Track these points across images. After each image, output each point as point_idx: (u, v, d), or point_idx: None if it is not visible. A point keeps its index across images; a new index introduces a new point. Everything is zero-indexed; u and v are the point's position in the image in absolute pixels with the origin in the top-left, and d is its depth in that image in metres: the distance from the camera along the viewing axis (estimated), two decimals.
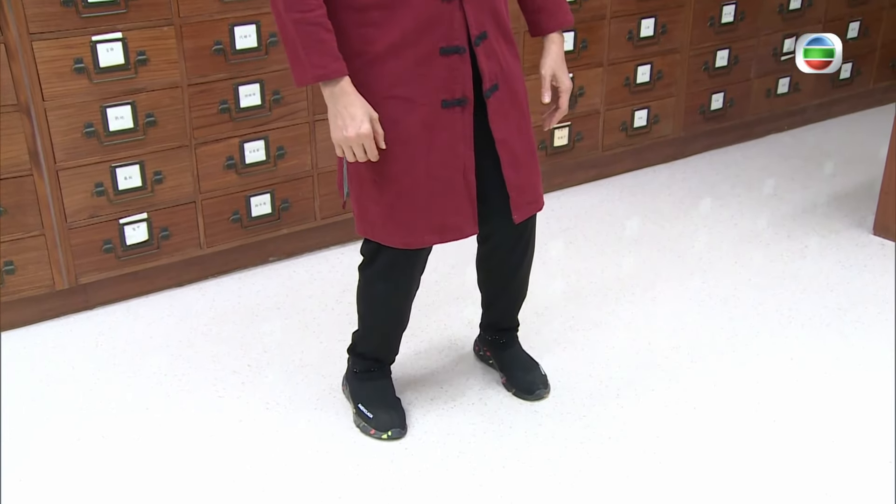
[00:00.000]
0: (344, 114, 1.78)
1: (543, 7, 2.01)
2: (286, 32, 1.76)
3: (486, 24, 1.86)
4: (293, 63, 1.79)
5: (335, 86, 1.78)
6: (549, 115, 2.09)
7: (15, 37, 2.38)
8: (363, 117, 1.79)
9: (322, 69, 1.75)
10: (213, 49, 2.67)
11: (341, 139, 1.81)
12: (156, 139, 2.67)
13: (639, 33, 3.48)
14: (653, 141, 3.72)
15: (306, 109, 2.88)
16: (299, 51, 1.75)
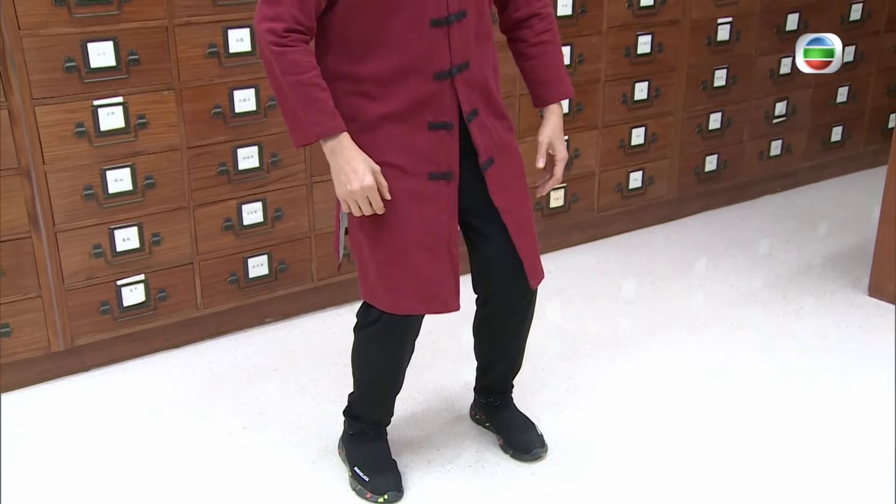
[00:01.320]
0: (346, 168, 1.80)
1: (545, 80, 2.05)
2: (283, 95, 1.79)
3: (477, 102, 1.91)
4: (291, 125, 1.81)
5: (335, 142, 1.80)
6: (543, 183, 2.12)
7: (18, 102, 2.41)
8: (365, 170, 1.81)
9: (321, 126, 1.78)
10: (212, 112, 2.71)
11: (346, 194, 1.83)
12: (154, 201, 2.69)
13: (633, 96, 3.53)
14: (648, 202, 3.76)
15: (304, 171, 2.91)
16: (297, 111, 1.78)
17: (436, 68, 1.83)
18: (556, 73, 2.06)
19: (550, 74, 2.05)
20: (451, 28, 1.82)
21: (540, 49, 2.04)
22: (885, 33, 4.14)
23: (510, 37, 2.08)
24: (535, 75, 2.06)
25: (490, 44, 1.95)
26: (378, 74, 1.83)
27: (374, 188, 1.82)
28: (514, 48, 2.09)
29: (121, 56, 2.52)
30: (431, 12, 1.80)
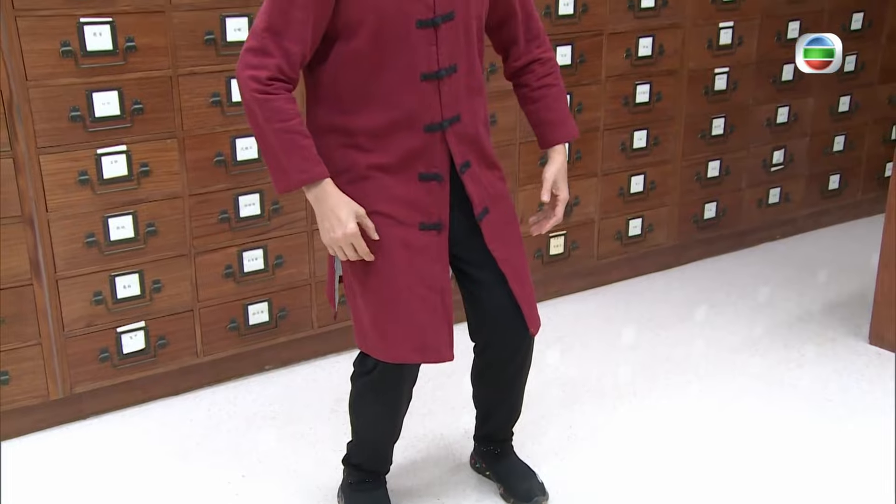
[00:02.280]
0: (330, 216, 1.81)
1: (549, 121, 2.08)
2: (266, 142, 1.79)
3: (469, 154, 1.94)
4: (275, 171, 1.81)
5: (318, 189, 1.81)
6: (543, 221, 2.12)
7: (23, 151, 2.44)
8: (348, 217, 1.81)
9: (305, 173, 1.79)
10: (214, 160, 2.73)
11: (329, 241, 1.85)
12: (156, 248, 2.70)
13: (632, 145, 3.57)
14: (647, 249, 3.77)
15: (305, 219, 2.92)
16: (281, 158, 1.78)
17: (426, 121, 1.86)
18: (561, 114, 2.08)
19: (555, 116, 2.08)
20: (441, 82, 1.85)
21: (543, 92, 2.07)
22: (879, 84, 4.20)
23: (514, 83, 2.11)
24: (539, 117, 2.09)
25: (481, 97, 1.98)
26: (370, 127, 1.85)
27: (357, 235, 1.83)
28: (518, 93, 2.12)
29: (125, 105, 2.55)
30: (422, 66, 1.83)
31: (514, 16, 2.01)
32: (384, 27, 1.78)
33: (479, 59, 1.95)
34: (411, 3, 1.79)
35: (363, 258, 1.87)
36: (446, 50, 1.84)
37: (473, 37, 1.90)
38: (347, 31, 1.79)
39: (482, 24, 1.95)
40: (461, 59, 1.88)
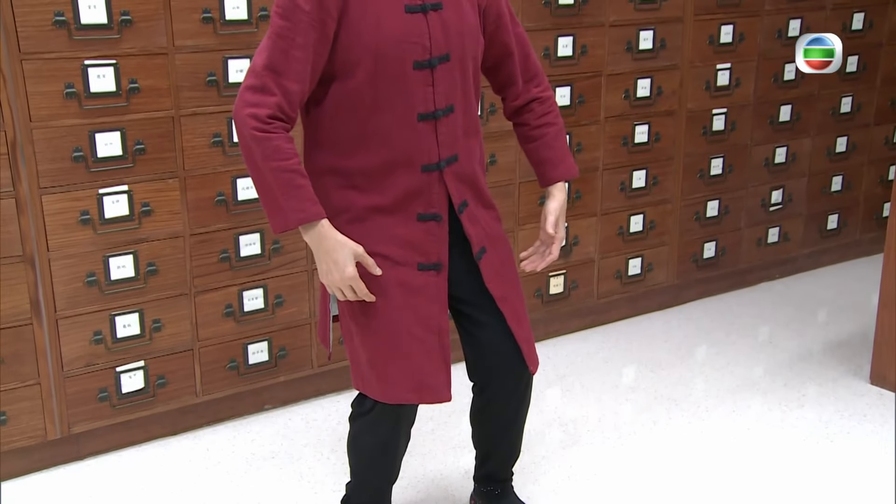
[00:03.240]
0: (327, 259, 1.80)
1: (548, 160, 2.09)
2: (263, 181, 1.77)
3: (467, 193, 1.95)
4: (272, 211, 1.79)
5: (315, 230, 1.80)
6: (538, 259, 2.11)
7: (26, 191, 2.45)
8: (346, 260, 1.80)
9: (302, 213, 1.77)
10: (215, 200, 2.74)
11: (328, 283, 1.84)
12: (156, 287, 2.71)
13: (631, 184, 3.58)
14: (647, 288, 3.77)
15: (305, 258, 2.93)
16: (278, 198, 1.76)
17: (424, 161, 1.87)
18: (560, 152, 2.09)
19: (554, 154, 2.08)
20: (438, 122, 1.86)
21: (542, 131, 2.08)
22: (875, 126, 4.23)
23: (514, 122, 2.13)
24: (539, 156, 2.09)
25: (478, 138, 1.99)
26: (367, 168, 1.86)
27: (355, 278, 1.81)
28: (518, 133, 2.13)
29: (127, 146, 2.57)
30: (419, 107, 1.85)
31: (510, 55, 2.03)
32: (381, 68, 1.80)
33: (475, 100, 1.97)
34: (408, 45, 1.81)
35: (363, 299, 1.87)
36: (443, 91, 1.86)
37: (469, 78, 1.93)
38: (344, 72, 1.81)
39: (478, 65, 1.97)
40: (457, 99, 1.90)
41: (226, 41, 2.66)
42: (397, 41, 1.79)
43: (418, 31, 1.81)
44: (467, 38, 1.89)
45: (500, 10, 1.98)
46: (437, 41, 1.83)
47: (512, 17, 2.02)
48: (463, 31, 1.88)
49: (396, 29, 1.79)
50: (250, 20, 2.67)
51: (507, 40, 2.01)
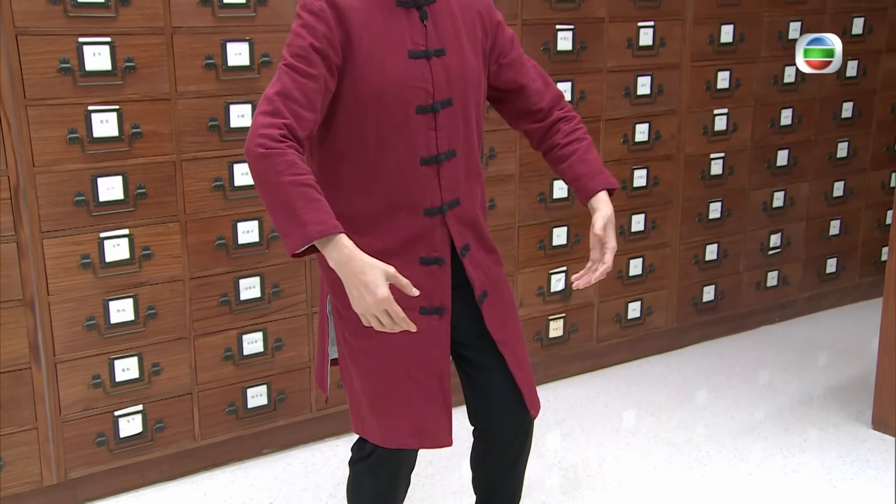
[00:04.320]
0: (357, 283, 1.67)
1: (586, 173, 2.02)
2: (279, 196, 1.68)
3: (468, 237, 1.95)
4: (289, 227, 1.68)
5: (339, 249, 1.68)
6: (590, 274, 1.99)
7: (28, 236, 2.46)
8: (377, 281, 1.66)
9: (322, 225, 1.67)
10: (215, 244, 2.75)
11: (362, 310, 1.69)
12: (155, 331, 2.70)
13: (630, 228, 3.60)
14: (647, 332, 3.77)
15: (305, 302, 2.93)
16: (297, 210, 1.66)
17: (426, 205, 1.88)
18: (596, 165, 2.03)
19: (590, 167, 2.01)
20: (440, 166, 1.88)
21: (572, 147, 2.02)
22: (872, 171, 4.26)
23: (543, 148, 2.07)
24: (574, 172, 2.01)
25: (479, 182, 2.00)
26: (370, 211, 1.87)
27: (389, 299, 1.67)
28: (550, 158, 2.06)
29: (129, 190, 2.59)
30: (422, 151, 1.86)
31: (526, 86, 2.02)
32: (384, 112, 1.81)
33: (476, 145, 1.98)
34: (411, 90, 1.83)
35: (399, 325, 1.70)
36: (445, 135, 1.87)
37: (472, 122, 1.94)
38: (348, 115, 1.82)
39: (481, 110, 1.98)
40: (459, 143, 1.91)
41: (228, 87, 2.69)
42: (400, 85, 1.81)
43: (421, 76, 1.83)
44: (469, 82, 1.91)
45: (504, 45, 1.99)
46: (439, 86, 1.85)
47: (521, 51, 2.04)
48: (465, 76, 1.90)
49: (400, 74, 1.81)
50: (252, 66, 2.70)
51: (517, 74, 2.00)
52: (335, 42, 1.76)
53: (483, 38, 1.95)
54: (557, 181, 3.36)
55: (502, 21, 2.00)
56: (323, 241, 1.69)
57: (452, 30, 1.88)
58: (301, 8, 1.77)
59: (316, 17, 1.75)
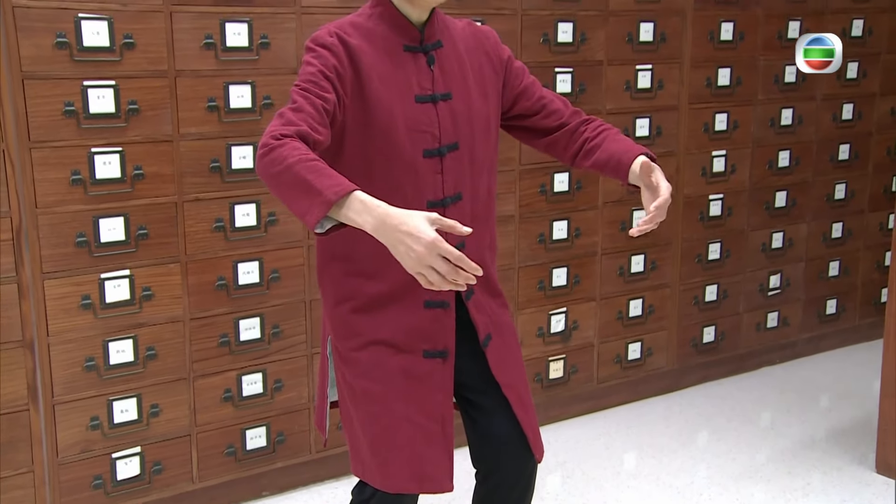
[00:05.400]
0: (400, 236, 1.56)
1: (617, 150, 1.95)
2: (289, 177, 1.59)
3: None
4: (305, 201, 1.58)
5: (367, 210, 1.58)
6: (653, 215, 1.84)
7: (28, 277, 2.47)
8: (420, 226, 1.55)
9: (338, 186, 1.58)
10: (216, 284, 2.75)
11: (415, 264, 1.57)
12: (155, 372, 2.69)
13: (629, 269, 3.60)
14: (647, 373, 3.76)
15: (305, 342, 2.93)
16: (309, 182, 1.57)
17: None
18: (628, 143, 1.97)
19: (622, 145, 1.96)
20: (446, 210, 1.88)
21: (602, 136, 1.98)
22: (869, 212, 4.28)
23: (573, 150, 2.02)
24: (608, 153, 1.95)
25: (488, 224, 2.00)
26: (375, 253, 1.86)
27: (440, 240, 1.54)
28: (582, 155, 2.00)
29: (130, 231, 2.59)
30: (428, 195, 1.86)
31: (545, 106, 2.02)
32: (391, 156, 1.82)
33: (486, 187, 1.97)
34: (418, 134, 1.84)
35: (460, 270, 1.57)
36: (451, 179, 1.88)
37: (479, 165, 1.94)
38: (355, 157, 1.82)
39: (490, 152, 1.97)
40: (465, 187, 1.91)
41: (229, 129, 2.71)
42: (408, 129, 1.82)
43: (428, 121, 1.84)
44: (476, 126, 1.92)
45: (516, 78, 2.00)
46: (445, 130, 1.86)
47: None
48: (472, 120, 1.91)
49: (407, 118, 1.82)
50: (254, 108, 2.73)
51: (533, 98, 2.01)
52: (345, 77, 1.76)
53: (493, 77, 1.96)
54: (557, 222, 3.37)
55: (511, 56, 2.01)
56: (348, 209, 1.58)
57: (459, 74, 1.90)
58: (311, 41, 1.78)
59: (327, 50, 1.76)
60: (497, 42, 2.00)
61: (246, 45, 2.69)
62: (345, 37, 1.79)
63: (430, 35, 1.87)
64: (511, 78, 2.00)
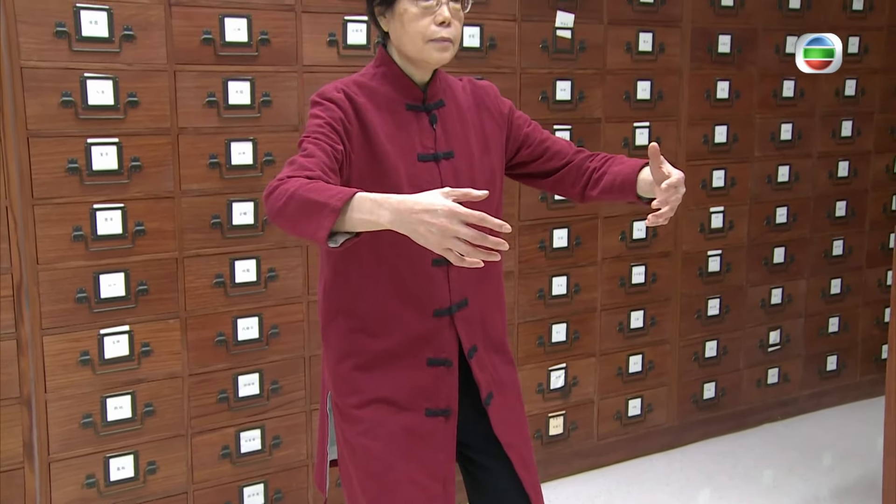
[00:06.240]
0: (418, 216, 1.51)
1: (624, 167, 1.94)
2: (294, 202, 1.57)
3: (477, 338, 1.94)
4: (312, 219, 1.55)
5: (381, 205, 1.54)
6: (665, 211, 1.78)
7: (28, 333, 2.46)
8: (433, 199, 1.51)
9: (341, 193, 1.56)
10: (215, 340, 2.75)
11: (440, 239, 1.51)
12: (153, 429, 2.68)
13: (629, 325, 3.60)
14: (647, 430, 3.73)
15: (304, 398, 2.91)
16: (313, 200, 1.55)
17: (436, 306, 1.87)
18: (633, 161, 1.95)
19: (629, 164, 1.94)
20: (450, 267, 1.88)
21: (607, 164, 1.98)
22: (868, 269, 4.29)
23: (581, 183, 2.01)
24: (614, 176, 1.94)
25: (495, 281, 2.00)
26: (379, 310, 1.87)
27: (457, 207, 1.50)
28: (590, 188, 2.00)
29: (130, 286, 2.60)
30: (433, 252, 1.87)
31: (549, 147, 2.04)
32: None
33: None
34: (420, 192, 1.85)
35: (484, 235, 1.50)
36: None
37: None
38: None
39: (493, 208, 1.96)
40: None
41: (231, 185, 2.73)
42: (411, 187, 1.82)
43: (430, 179, 1.85)
44: (479, 183, 1.92)
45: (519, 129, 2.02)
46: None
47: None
48: (474, 178, 1.92)
49: (410, 176, 1.84)
50: (255, 165, 2.75)
51: (538, 142, 2.03)
52: (351, 132, 1.78)
53: (497, 132, 1.98)
54: (556, 277, 3.38)
55: (512, 107, 2.03)
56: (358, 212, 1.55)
57: (461, 132, 1.92)
58: (318, 96, 1.80)
59: (334, 104, 1.78)
60: (497, 96, 2.03)
61: (248, 102, 2.72)
62: (351, 94, 1.82)
63: (432, 94, 1.89)
64: (514, 129, 2.02)
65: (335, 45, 2.84)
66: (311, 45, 2.80)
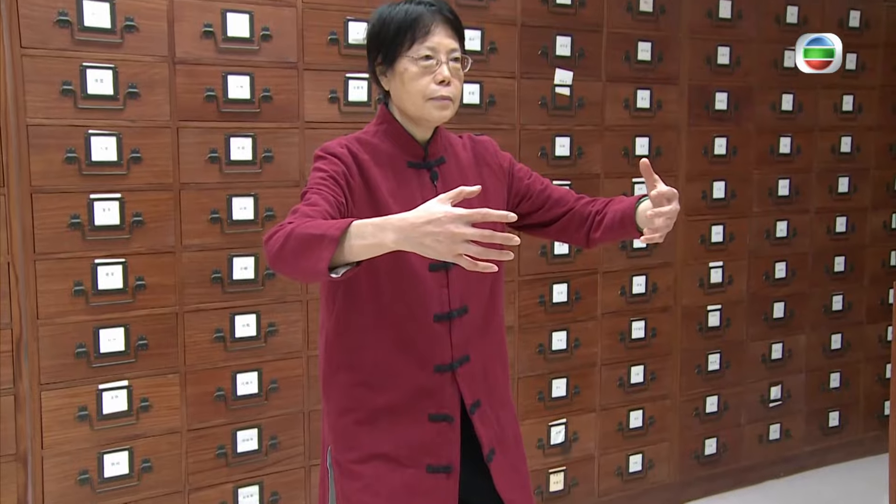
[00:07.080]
0: (422, 229, 1.50)
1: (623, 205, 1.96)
2: (292, 241, 1.58)
3: (479, 394, 1.93)
4: (311, 253, 1.55)
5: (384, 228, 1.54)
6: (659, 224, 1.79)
7: (26, 388, 2.46)
8: (433, 208, 1.51)
9: (339, 223, 1.57)
10: (214, 395, 2.74)
11: (450, 245, 1.50)
12: (150, 485, 2.65)
13: (629, 380, 3.59)
14: (649, 486, 3.69)
15: (303, 454, 2.89)
16: (311, 234, 1.56)
17: (437, 361, 1.87)
18: (632, 198, 1.96)
19: (627, 200, 1.96)
20: (452, 323, 1.88)
21: (609, 205, 2.00)
22: (868, 324, 4.28)
23: (585, 227, 2.03)
24: (614, 213, 1.96)
25: (496, 336, 1.99)
26: (380, 364, 1.86)
27: (458, 211, 1.50)
28: (593, 230, 2.01)
29: (130, 341, 2.60)
30: (434, 308, 1.87)
31: (550, 196, 2.06)
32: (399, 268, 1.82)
33: (493, 300, 1.97)
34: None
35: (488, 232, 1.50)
36: (457, 291, 1.88)
37: (487, 277, 1.95)
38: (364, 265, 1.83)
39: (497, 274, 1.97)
40: (472, 300, 1.91)
41: (232, 240, 2.74)
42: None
43: None
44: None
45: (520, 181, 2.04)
46: None
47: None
48: None
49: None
50: (256, 220, 2.77)
51: (539, 193, 2.05)
52: (353, 187, 1.80)
53: (498, 186, 1.99)
54: (557, 332, 3.38)
55: (511, 160, 2.05)
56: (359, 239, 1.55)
57: None
58: (321, 150, 1.82)
59: (337, 158, 1.80)
60: (497, 150, 2.04)
61: (250, 158, 2.75)
62: (354, 150, 1.84)
63: (433, 152, 1.91)
64: (515, 182, 2.04)
65: (336, 102, 2.87)
66: (312, 101, 2.84)
